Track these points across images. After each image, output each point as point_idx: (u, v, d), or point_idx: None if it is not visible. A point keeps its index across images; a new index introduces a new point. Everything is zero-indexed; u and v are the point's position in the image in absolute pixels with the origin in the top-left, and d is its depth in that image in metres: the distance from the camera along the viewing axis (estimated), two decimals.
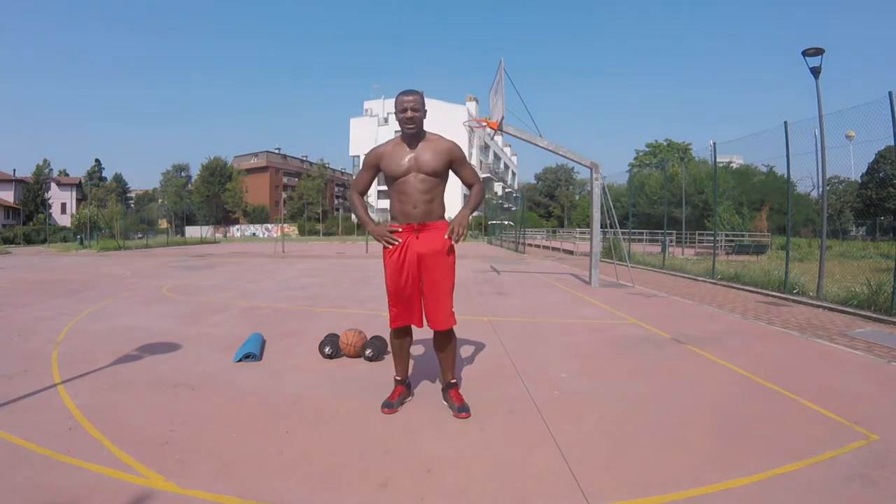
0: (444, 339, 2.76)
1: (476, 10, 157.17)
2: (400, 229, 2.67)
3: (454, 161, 2.68)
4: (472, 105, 53.93)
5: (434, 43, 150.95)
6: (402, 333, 2.79)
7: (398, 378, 2.87)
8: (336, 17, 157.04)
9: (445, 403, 2.83)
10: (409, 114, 2.58)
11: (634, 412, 2.76)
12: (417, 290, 2.69)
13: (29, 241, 35.08)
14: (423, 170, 2.61)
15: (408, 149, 2.65)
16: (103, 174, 63.46)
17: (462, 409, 2.70)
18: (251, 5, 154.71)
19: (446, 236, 2.64)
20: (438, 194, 2.69)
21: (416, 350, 3.79)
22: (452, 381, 2.82)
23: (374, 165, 2.74)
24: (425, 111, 2.65)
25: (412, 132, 2.63)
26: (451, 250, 2.72)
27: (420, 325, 2.74)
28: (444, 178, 2.72)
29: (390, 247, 2.67)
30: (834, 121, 7.61)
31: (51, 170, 53.58)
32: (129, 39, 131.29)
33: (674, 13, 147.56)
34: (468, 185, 2.85)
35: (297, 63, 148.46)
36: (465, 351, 4.08)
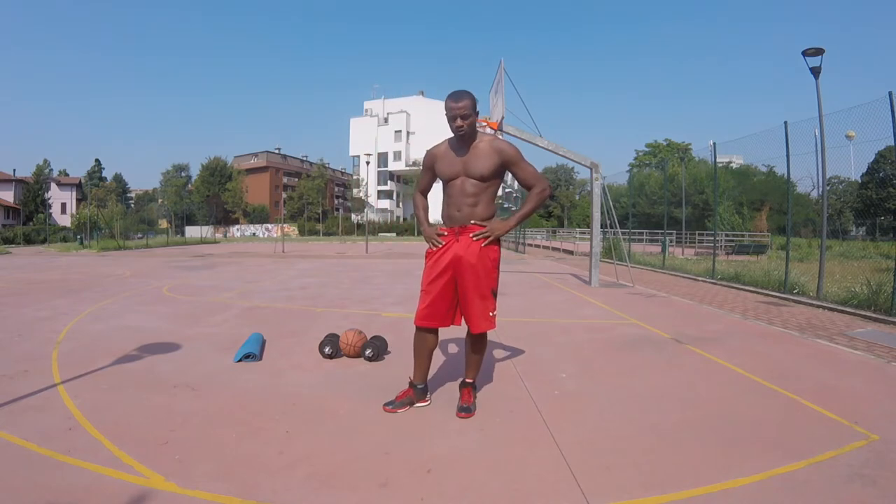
0: (474, 341, 2.76)
1: (476, 11, 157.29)
2: (445, 233, 2.72)
3: (507, 162, 2.62)
4: None
5: (434, 43, 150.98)
6: (424, 333, 2.75)
7: (411, 379, 2.85)
8: (336, 17, 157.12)
9: (448, 404, 2.83)
10: (459, 122, 2.56)
11: (634, 412, 2.76)
12: (449, 292, 2.67)
13: (29, 241, 35.07)
14: (472, 174, 2.62)
15: (459, 152, 2.66)
16: (103, 174, 63.55)
17: (461, 409, 2.70)
18: (251, 5, 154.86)
19: (471, 235, 2.64)
20: (485, 197, 2.66)
21: None
22: (468, 380, 2.83)
23: (430, 167, 2.80)
24: (477, 113, 2.63)
25: (463, 137, 2.63)
26: (490, 253, 2.67)
27: (444, 325, 2.72)
28: (495, 182, 2.67)
29: (434, 248, 2.72)
30: (834, 121, 7.64)
31: (51, 170, 53.60)
32: (129, 39, 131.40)
33: (674, 13, 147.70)
34: (526, 187, 2.73)
35: (298, 63, 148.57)
36: (465, 351, 4.07)
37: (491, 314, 2.68)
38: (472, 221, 2.65)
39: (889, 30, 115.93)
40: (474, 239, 2.64)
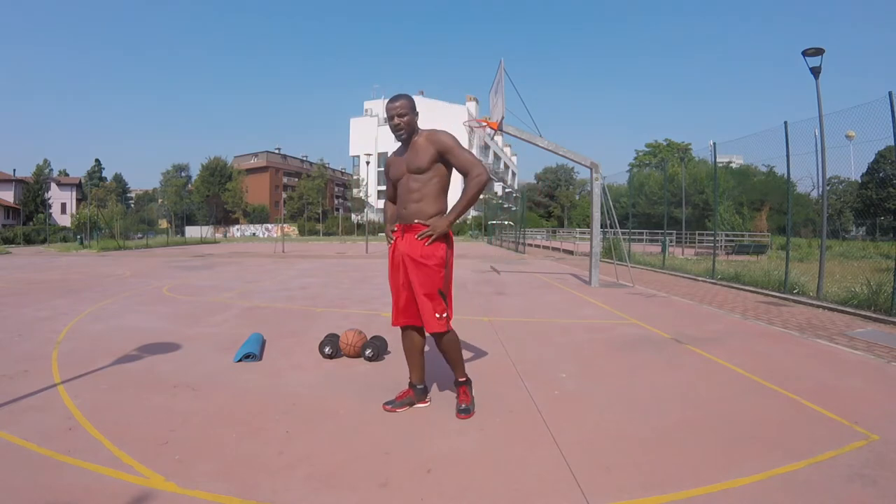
0: (436, 341, 2.70)
1: (476, 11, 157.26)
2: (395, 229, 2.74)
3: (441, 150, 2.57)
4: (472, 105, 53.97)
5: (434, 43, 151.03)
6: (407, 331, 2.77)
7: (409, 380, 2.87)
8: (336, 17, 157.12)
9: (447, 404, 2.83)
10: (396, 120, 2.60)
11: (634, 412, 2.76)
12: (407, 289, 2.67)
13: (29, 241, 35.06)
14: (412, 169, 2.62)
15: (403, 152, 2.70)
16: (103, 174, 63.52)
17: (461, 410, 2.69)
18: (251, 5, 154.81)
19: (416, 236, 2.60)
20: (429, 193, 2.61)
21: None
22: (460, 379, 2.78)
23: (388, 173, 2.84)
24: (416, 113, 2.64)
25: (403, 137, 2.66)
26: (436, 251, 2.59)
27: (418, 323, 2.71)
28: (437, 174, 2.61)
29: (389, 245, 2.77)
30: (834, 121, 7.62)
31: (51, 170, 53.56)
32: (129, 40, 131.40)
33: (674, 13, 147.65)
34: (464, 175, 2.60)
35: (298, 62, 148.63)
36: (465, 351, 4.06)
37: (438, 316, 2.58)
38: (416, 220, 2.62)
39: (889, 30, 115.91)
40: (418, 238, 2.60)
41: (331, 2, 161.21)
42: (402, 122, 2.60)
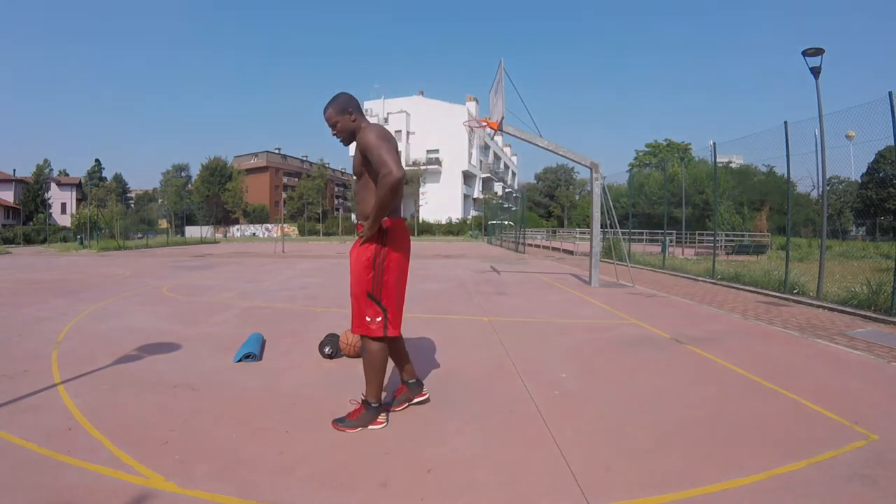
0: (362, 346, 2.58)
1: (476, 11, 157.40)
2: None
3: (362, 151, 2.39)
4: (472, 105, 53.95)
5: (434, 43, 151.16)
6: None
7: (401, 377, 2.87)
8: (336, 17, 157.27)
9: (447, 404, 2.82)
10: (333, 131, 2.52)
11: (634, 412, 2.76)
12: None
13: (29, 241, 35.07)
14: (354, 173, 2.53)
15: None
16: (103, 174, 63.55)
17: (337, 419, 2.56)
18: (251, 5, 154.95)
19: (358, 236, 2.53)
20: (368, 195, 2.46)
21: (414, 351, 3.78)
22: (363, 396, 2.58)
23: None
24: (348, 111, 2.47)
25: (346, 144, 2.57)
26: (365, 252, 2.47)
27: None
28: (372, 172, 2.41)
29: None
30: (834, 121, 7.62)
31: (51, 170, 53.53)
32: (128, 39, 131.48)
33: (674, 12, 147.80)
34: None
35: (298, 62, 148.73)
36: (465, 351, 4.08)
37: (368, 319, 2.47)
38: (359, 222, 2.53)
39: (889, 30, 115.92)
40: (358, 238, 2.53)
41: (331, 2, 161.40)
42: (337, 131, 2.50)
